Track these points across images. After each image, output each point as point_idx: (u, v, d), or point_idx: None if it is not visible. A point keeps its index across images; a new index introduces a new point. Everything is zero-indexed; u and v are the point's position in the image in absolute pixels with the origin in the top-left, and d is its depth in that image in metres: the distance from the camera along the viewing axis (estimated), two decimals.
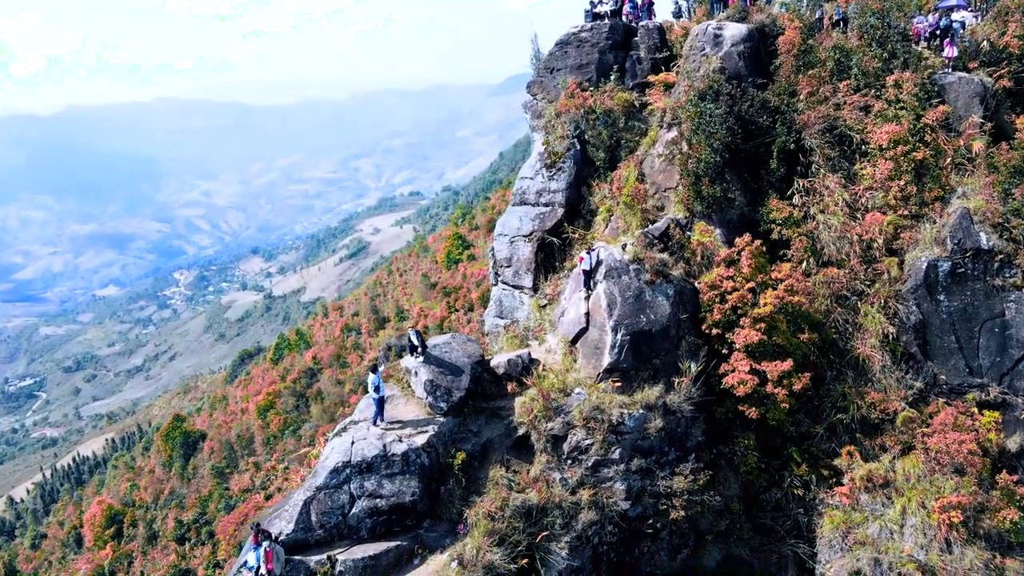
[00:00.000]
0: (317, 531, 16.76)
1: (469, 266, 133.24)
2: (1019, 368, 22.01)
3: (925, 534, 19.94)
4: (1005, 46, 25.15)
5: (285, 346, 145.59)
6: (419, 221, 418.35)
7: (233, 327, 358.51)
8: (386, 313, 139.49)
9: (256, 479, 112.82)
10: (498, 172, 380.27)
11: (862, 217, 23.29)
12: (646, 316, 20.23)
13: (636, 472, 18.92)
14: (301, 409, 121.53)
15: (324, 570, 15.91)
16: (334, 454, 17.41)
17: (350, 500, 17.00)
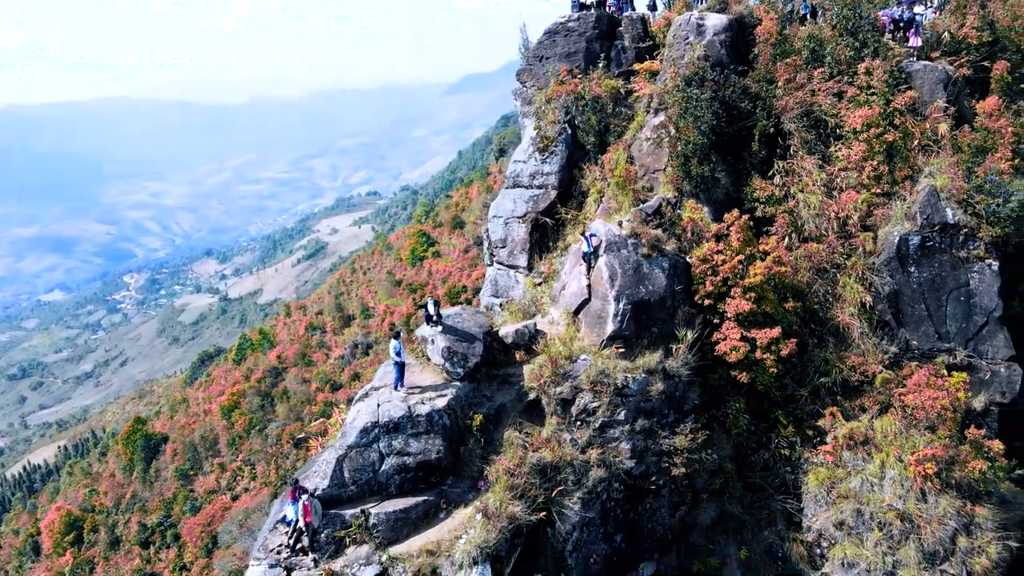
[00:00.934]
0: (350, 487, 17.47)
1: (434, 263, 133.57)
2: (983, 333, 23.83)
3: (902, 485, 21.52)
4: (964, 37, 27.08)
5: (247, 346, 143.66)
6: (377, 221, 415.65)
7: (187, 331, 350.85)
8: (351, 311, 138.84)
9: (222, 480, 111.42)
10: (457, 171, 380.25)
11: (838, 196, 24.86)
12: (644, 287, 21.40)
13: (640, 432, 20.05)
14: (266, 408, 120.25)
15: (358, 522, 16.63)
16: (361, 416, 18.09)
17: (380, 458, 17.74)
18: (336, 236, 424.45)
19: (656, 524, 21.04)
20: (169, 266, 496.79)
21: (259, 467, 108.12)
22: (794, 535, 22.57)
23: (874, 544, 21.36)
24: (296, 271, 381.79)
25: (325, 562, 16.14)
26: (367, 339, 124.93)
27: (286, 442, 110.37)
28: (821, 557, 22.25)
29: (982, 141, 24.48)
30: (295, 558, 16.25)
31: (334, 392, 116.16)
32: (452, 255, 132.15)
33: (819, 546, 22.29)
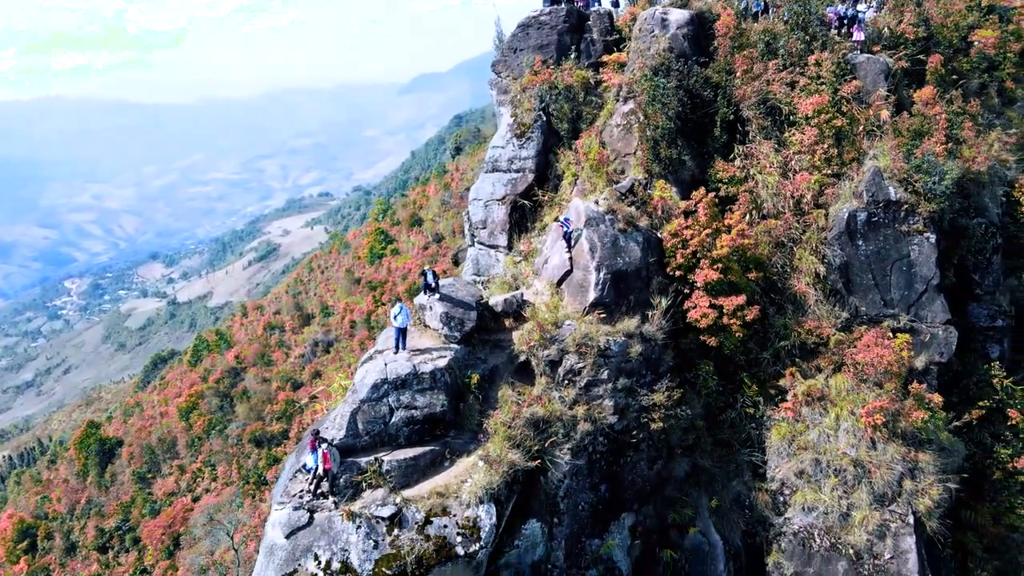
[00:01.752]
0: (363, 437, 18.78)
1: (393, 260, 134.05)
2: (922, 300, 26.31)
3: (855, 436, 23.80)
4: (902, 33, 29.64)
5: (204, 347, 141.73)
6: (330, 222, 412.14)
7: (134, 336, 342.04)
8: (310, 310, 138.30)
9: (182, 482, 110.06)
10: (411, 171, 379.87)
11: (793, 177, 27.09)
12: (622, 259, 23.20)
13: (621, 390, 21.82)
14: (226, 409, 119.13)
15: (373, 469, 17.95)
16: (370, 374, 19.41)
17: (389, 411, 19.08)
18: (288, 238, 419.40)
19: (636, 476, 22.84)
20: (113, 270, 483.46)
21: (220, 468, 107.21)
22: (759, 485, 24.68)
23: (831, 489, 23.58)
24: (247, 273, 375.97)
25: (344, 504, 17.46)
26: (327, 337, 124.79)
27: (247, 442, 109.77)
28: (784, 504, 24.40)
29: (919, 126, 26.97)
30: (316, 501, 17.51)
31: (295, 391, 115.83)
32: (411, 252, 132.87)
33: (782, 494, 24.44)
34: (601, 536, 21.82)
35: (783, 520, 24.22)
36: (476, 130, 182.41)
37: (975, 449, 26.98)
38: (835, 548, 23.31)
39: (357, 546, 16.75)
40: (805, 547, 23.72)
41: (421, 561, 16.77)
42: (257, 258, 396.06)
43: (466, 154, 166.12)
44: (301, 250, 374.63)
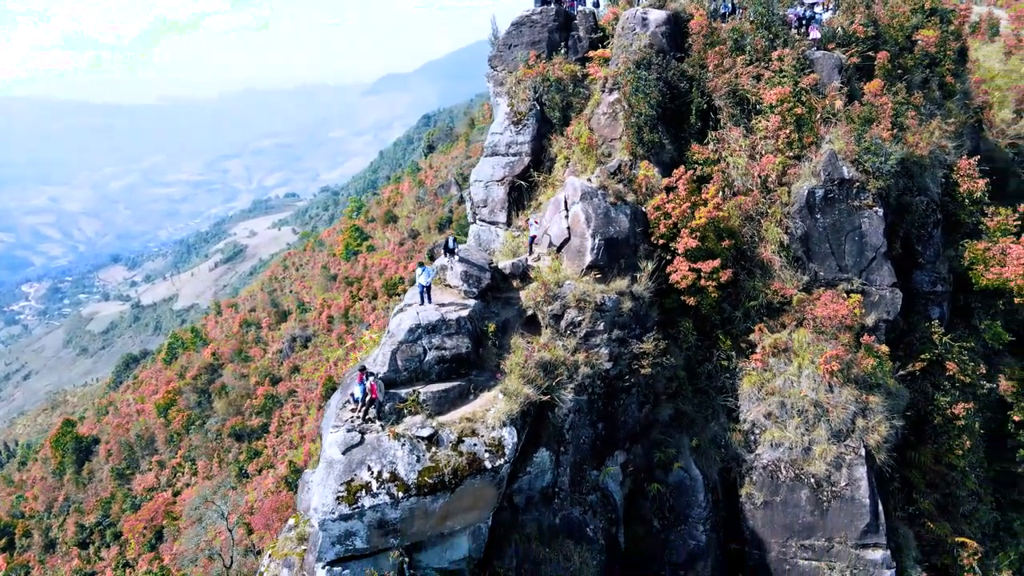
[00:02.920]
0: (403, 373, 21.67)
1: (369, 256, 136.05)
2: (872, 266, 29.99)
3: (815, 381, 27.36)
4: (853, 32, 33.35)
5: (179, 345, 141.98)
6: (298, 223, 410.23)
7: (97, 340, 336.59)
8: (287, 307, 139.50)
9: (162, 477, 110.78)
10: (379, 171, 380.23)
11: (760, 158, 30.60)
12: (613, 227, 26.43)
13: (615, 340, 25.02)
14: (204, 405, 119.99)
15: (412, 398, 20.87)
16: (405, 321, 22.31)
17: (423, 352, 21.99)
18: (255, 239, 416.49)
19: (628, 417, 26.06)
20: (73, 274, 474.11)
21: (200, 462, 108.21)
22: (733, 426, 28.13)
23: (794, 428, 27.13)
24: (214, 275, 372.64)
25: (390, 427, 20.29)
26: (305, 332, 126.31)
27: (227, 436, 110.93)
28: (754, 442, 27.87)
29: (868, 114, 30.67)
30: (365, 425, 20.29)
31: (274, 385, 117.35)
32: (387, 248, 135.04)
33: (753, 433, 27.91)
34: (599, 468, 25.03)
35: (754, 456, 27.69)
36: (448, 129, 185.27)
37: (918, 397, 30.79)
38: (799, 478, 26.84)
39: (403, 460, 19.66)
40: (773, 478, 27.21)
41: (456, 472, 19.76)
42: (223, 260, 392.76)
43: (439, 152, 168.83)
44: (269, 251, 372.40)
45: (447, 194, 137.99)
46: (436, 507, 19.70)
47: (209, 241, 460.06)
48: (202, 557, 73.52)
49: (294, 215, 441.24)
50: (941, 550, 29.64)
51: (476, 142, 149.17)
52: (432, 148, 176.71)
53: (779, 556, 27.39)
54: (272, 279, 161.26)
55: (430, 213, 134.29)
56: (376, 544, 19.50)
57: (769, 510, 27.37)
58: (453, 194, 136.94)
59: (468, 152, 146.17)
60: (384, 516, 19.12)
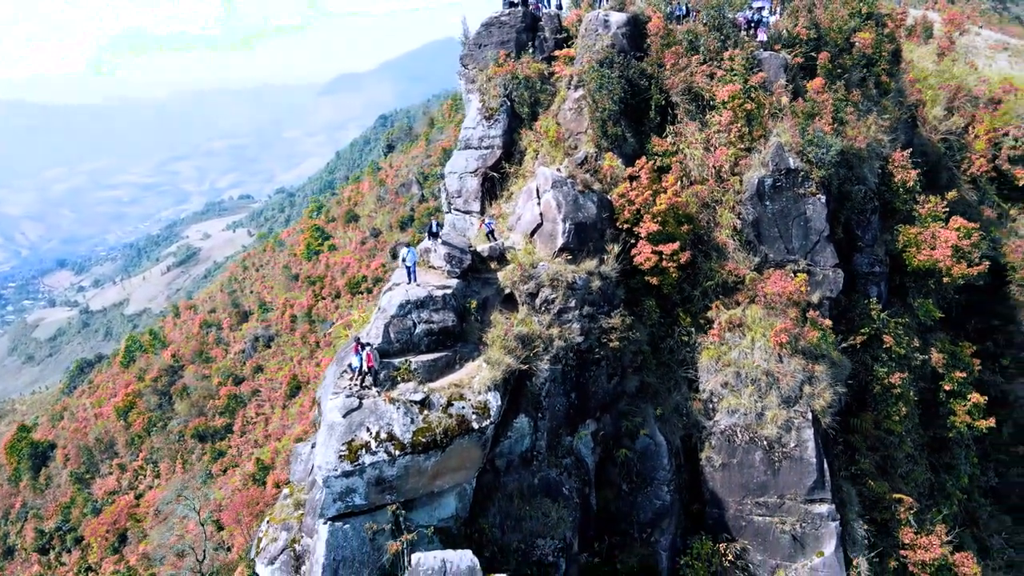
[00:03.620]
0: (395, 344, 23.41)
1: (331, 256, 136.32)
2: (816, 248, 32.76)
3: (766, 352, 29.95)
4: (797, 34, 36.15)
5: (137, 348, 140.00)
6: (253, 225, 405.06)
7: (44, 347, 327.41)
8: (248, 307, 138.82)
9: (123, 480, 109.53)
10: (336, 171, 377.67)
11: (714, 151, 33.13)
12: (582, 213, 28.58)
13: (585, 316, 27.17)
14: (165, 407, 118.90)
15: (405, 367, 22.66)
16: (395, 297, 24.07)
17: (413, 325, 23.76)
18: (209, 241, 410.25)
19: (598, 388, 28.24)
20: (16, 280, 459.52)
21: (163, 464, 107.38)
22: (693, 396, 30.56)
23: (749, 395, 29.66)
24: (166, 279, 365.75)
25: (385, 392, 22.03)
26: (268, 332, 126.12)
27: (190, 437, 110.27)
28: (713, 409, 30.34)
29: (811, 110, 33.45)
30: (362, 391, 21.99)
31: (237, 385, 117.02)
32: (349, 247, 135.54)
33: (711, 402, 30.37)
34: (572, 434, 27.14)
35: (712, 422, 30.16)
36: (408, 128, 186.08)
37: (859, 368, 33.69)
38: (753, 441, 29.38)
39: (398, 421, 21.42)
40: (730, 442, 29.72)
41: (447, 432, 21.61)
42: (176, 263, 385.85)
43: (399, 151, 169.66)
44: (224, 253, 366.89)
45: (408, 193, 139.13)
46: (428, 465, 21.54)
47: (160, 244, 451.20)
48: (170, 555, 73.65)
49: (249, 217, 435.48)
50: (881, 506, 32.54)
51: (436, 141, 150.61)
52: (392, 148, 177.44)
53: (736, 513, 29.91)
54: (232, 280, 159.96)
55: (391, 212, 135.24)
56: (374, 501, 21.25)
57: (727, 471, 29.87)
58: (414, 193, 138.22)
59: (429, 151, 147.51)
60: (382, 473, 20.88)
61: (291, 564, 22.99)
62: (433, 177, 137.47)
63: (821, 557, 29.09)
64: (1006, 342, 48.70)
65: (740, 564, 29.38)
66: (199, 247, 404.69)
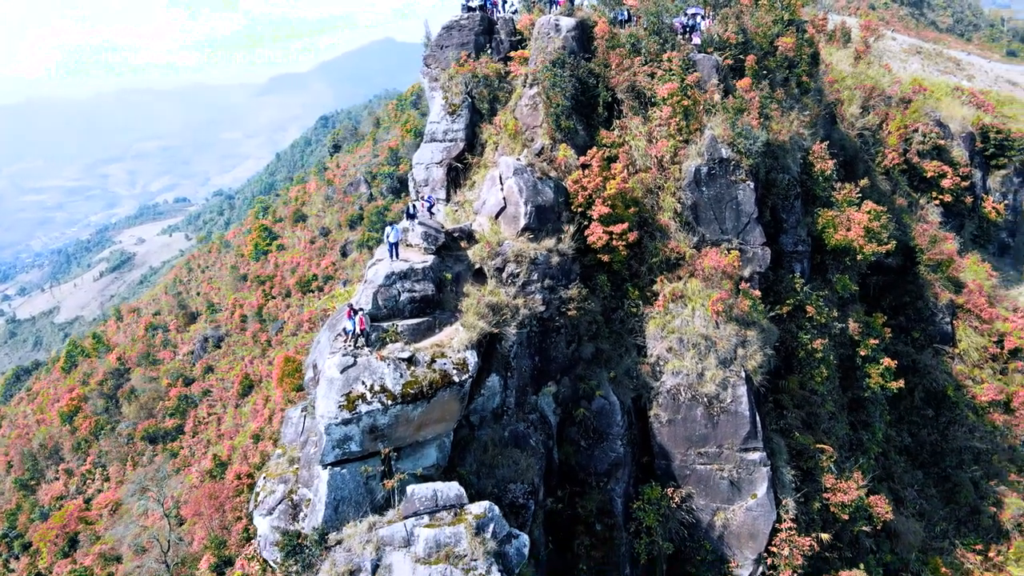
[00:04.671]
0: (383, 310, 26.21)
1: (280, 255, 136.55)
2: (747, 229, 36.82)
3: (705, 320, 33.79)
4: (727, 39, 40.29)
5: (79, 353, 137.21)
6: (190, 228, 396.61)
7: None
8: (195, 308, 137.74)
9: (71, 485, 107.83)
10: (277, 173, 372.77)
11: (656, 142, 36.87)
12: (541, 197, 31.87)
13: (546, 288, 30.47)
14: (112, 411, 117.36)
15: (392, 330, 25.54)
16: (381, 269, 26.88)
17: (398, 293, 26.60)
18: (144, 246, 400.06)
19: (558, 353, 31.59)
20: None
21: (112, 467, 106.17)
22: (642, 360, 34.19)
23: (690, 358, 33.43)
24: (99, 285, 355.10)
25: (376, 351, 24.81)
26: (217, 332, 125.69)
27: (140, 439, 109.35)
28: (659, 372, 34.03)
29: (740, 106, 37.52)
30: (355, 351, 24.72)
31: (187, 386, 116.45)
32: (298, 247, 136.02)
33: (658, 365, 34.06)
34: (537, 394, 30.41)
35: (659, 383, 33.85)
36: (353, 128, 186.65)
37: (786, 335, 37.90)
38: (695, 399, 33.16)
39: (389, 376, 24.23)
40: (675, 400, 33.45)
41: (431, 385, 24.54)
42: (110, 269, 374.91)
43: (345, 151, 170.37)
44: (160, 258, 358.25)
45: (356, 192, 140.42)
46: (415, 415, 24.42)
47: (92, 250, 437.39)
48: (129, 552, 73.93)
49: (186, 220, 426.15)
50: (806, 455, 36.80)
51: (383, 141, 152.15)
52: (338, 148, 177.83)
53: (681, 463, 33.68)
54: (177, 282, 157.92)
55: (340, 211, 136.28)
56: (367, 448, 24.02)
57: (672, 426, 33.61)
58: (362, 192, 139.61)
59: (376, 151, 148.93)
60: (375, 422, 23.67)
61: (289, 512, 25.53)
62: (381, 176, 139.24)
63: (755, 499, 33.13)
64: (916, 317, 54.35)
65: (685, 507, 33.15)
66: (133, 252, 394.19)
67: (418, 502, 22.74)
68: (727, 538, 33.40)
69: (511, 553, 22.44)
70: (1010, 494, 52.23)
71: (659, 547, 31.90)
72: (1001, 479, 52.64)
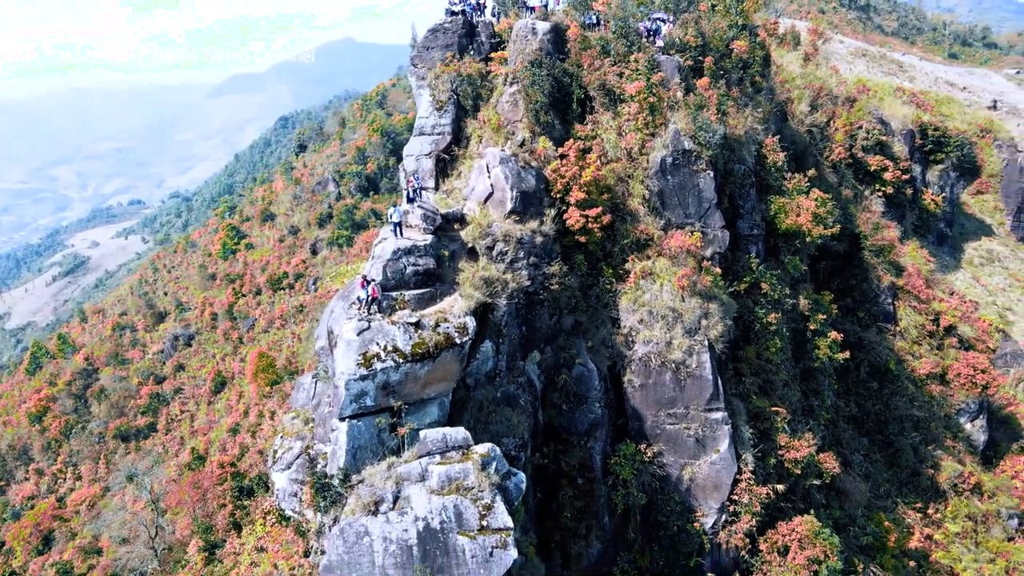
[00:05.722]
0: (391, 281, 29.34)
1: (249, 254, 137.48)
2: (708, 213, 40.71)
3: (672, 294, 37.57)
4: (687, 42, 44.22)
5: (43, 354, 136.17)
6: (147, 231, 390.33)
7: None
8: (163, 308, 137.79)
9: (42, 484, 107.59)
10: (235, 174, 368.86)
11: (625, 135, 40.56)
12: (524, 184, 35.27)
13: (531, 265, 33.89)
14: (81, 411, 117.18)
15: (400, 299, 28.67)
16: (388, 246, 30.00)
17: (404, 267, 29.76)
18: (98, 250, 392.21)
19: (542, 324, 35.03)
20: None
21: (84, 467, 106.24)
22: (616, 331, 37.83)
23: (660, 328, 37.16)
24: (52, 290, 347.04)
25: (387, 317, 27.90)
26: (187, 331, 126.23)
27: (112, 438, 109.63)
28: (632, 341, 37.69)
29: (700, 102, 41.42)
30: (369, 316, 27.80)
31: (159, 384, 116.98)
32: (267, 245, 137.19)
33: (631, 335, 37.73)
34: (524, 360, 33.81)
35: (632, 351, 37.52)
36: (319, 128, 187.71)
37: (744, 310, 41.92)
38: (664, 365, 36.89)
39: (400, 337, 27.40)
40: (646, 367, 37.14)
41: (436, 346, 27.79)
42: (63, 273, 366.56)
43: (311, 151, 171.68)
44: (116, 261, 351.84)
45: (325, 191, 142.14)
46: (422, 373, 27.60)
47: (43, 254, 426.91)
48: (113, 544, 75.10)
49: (141, 223, 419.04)
50: (762, 417, 40.84)
51: (349, 140, 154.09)
52: (304, 147, 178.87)
53: (652, 424, 37.39)
54: (143, 282, 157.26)
55: (309, 209, 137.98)
56: (380, 403, 27.12)
57: (644, 390, 37.29)
58: (331, 191, 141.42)
59: (343, 150, 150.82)
60: (388, 379, 26.78)
61: (306, 465, 28.48)
62: (349, 175, 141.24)
63: (718, 454, 37.02)
64: (861, 298, 59.22)
65: (656, 463, 36.86)
66: (87, 255, 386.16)
67: (430, 443, 25.93)
68: (694, 490, 37.22)
69: (511, 487, 25.82)
70: (946, 458, 57.38)
71: (634, 497, 35.55)
72: (938, 444, 57.79)
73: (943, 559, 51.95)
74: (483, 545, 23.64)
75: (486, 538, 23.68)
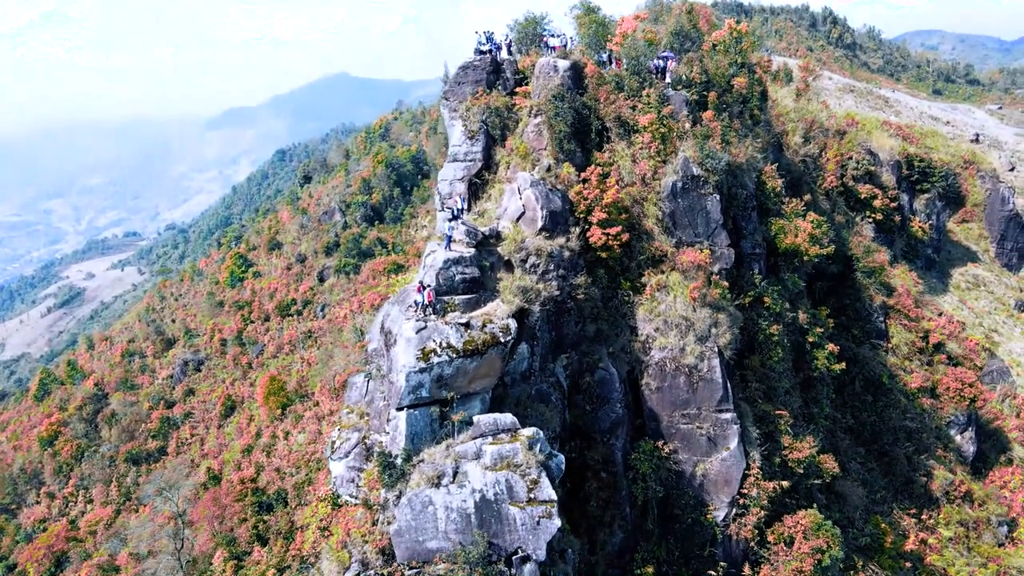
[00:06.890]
0: (443, 287, 32.90)
1: (256, 282, 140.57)
2: (715, 233, 44.61)
3: (685, 305, 41.26)
4: (693, 78, 48.62)
5: (51, 381, 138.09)
6: (143, 262, 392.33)
7: None
8: (172, 334, 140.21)
9: (53, 507, 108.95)
10: (232, 206, 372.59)
11: (639, 162, 44.62)
12: (553, 204, 39.13)
13: (560, 276, 37.56)
14: (92, 435, 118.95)
15: (451, 302, 32.20)
16: (439, 256, 33.65)
17: (453, 275, 33.37)
18: (94, 281, 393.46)
19: (568, 331, 38.60)
20: None
21: (95, 489, 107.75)
22: (635, 339, 41.40)
23: (674, 336, 40.76)
24: (47, 322, 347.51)
25: (440, 318, 31.39)
26: (197, 356, 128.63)
27: (122, 461, 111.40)
28: (649, 348, 41.23)
29: (706, 133, 45.60)
30: (425, 318, 31.29)
31: (169, 408, 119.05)
32: (275, 273, 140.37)
33: (647, 342, 41.29)
34: (554, 362, 37.31)
35: (649, 357, 41.05)
36: (322, 160, 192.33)
37: (749, 322, 45.66)
38: (678, 369, 40.42)
39: (452, 335, 30.88)
40: (662, 371, 40.65)
41: (484, 344, 31.29)
42: (58, 304, 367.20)
43: (316, 183, 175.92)
44: (112, 293, 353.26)
45: (331, 220, 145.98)
46: (471, 368, 31.03)
47: (37, 285, 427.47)
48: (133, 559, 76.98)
49: (137, 255, 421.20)
50: (767, 420, 44.32)
51: (355, 171, 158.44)
52: (308, 179, 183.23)
53: (668, 423, 40.77)
54: (150, 309, 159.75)
55: (316, 238, 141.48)
56: (434, 394, 30.51)
57: (660, 393, 40.75)
58: (337, 220, 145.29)
59: (349, 181, 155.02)
60: (442, 372, 30.21)
61: (363, 454, 31.71)
62: (355, 205, 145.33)
63: (728, 451, 40.37)
64: (855, 316, 63.08)
65: (672, 460, 40.17)
66: (83, 287, 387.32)
67: (483, 426, 29.29)
68: (706, 485, 40.48)
69: (553, 466, 29.16)
70: (938, 467, 60.80)
71: (652, 490, 38.79)
72: (930, 454, 61.25)
73: (937, 562, 54.97)
74: (531, 515, 26.91)
75: (534, 508, 26.97)
